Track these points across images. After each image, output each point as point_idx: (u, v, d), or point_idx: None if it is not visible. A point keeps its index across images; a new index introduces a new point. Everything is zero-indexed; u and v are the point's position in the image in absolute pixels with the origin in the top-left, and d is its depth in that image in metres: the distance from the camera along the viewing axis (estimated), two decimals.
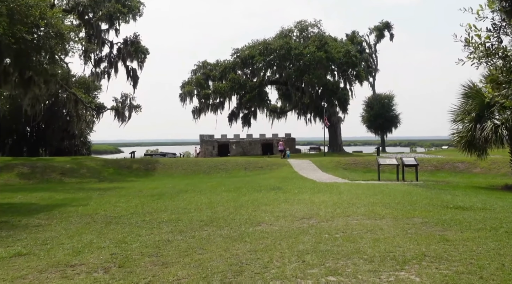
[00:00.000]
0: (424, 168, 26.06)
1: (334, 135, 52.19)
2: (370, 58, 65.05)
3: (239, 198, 11.97)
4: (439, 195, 12.31)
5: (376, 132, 63.97)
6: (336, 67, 50.62)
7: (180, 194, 13.97)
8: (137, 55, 36.89)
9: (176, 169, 31.06)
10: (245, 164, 30.87)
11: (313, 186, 15.22)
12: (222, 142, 57.96)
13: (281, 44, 48.28)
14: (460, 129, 16.44)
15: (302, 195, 12.41)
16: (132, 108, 43.14)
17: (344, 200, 11.11)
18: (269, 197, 12.10)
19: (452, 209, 9.23)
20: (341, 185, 15.53)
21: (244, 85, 50.16)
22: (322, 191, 13.44)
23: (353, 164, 29.25)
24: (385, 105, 61.85)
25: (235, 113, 53.37)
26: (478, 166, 25.70)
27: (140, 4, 37.07)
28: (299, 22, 52.83)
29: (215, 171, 29.83)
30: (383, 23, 63.96)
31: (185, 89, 53.47)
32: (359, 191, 13.40)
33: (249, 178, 23.60)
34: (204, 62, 55.96)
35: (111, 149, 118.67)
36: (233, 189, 14.90)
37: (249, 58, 50.16)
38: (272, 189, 14.48)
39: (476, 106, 15.54)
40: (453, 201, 10.69)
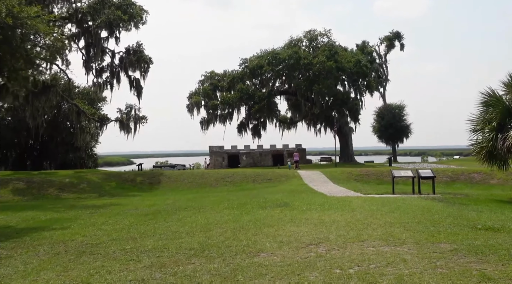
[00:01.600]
0: (439, 179, 24.74)
1: (345, 146, 50.93)
2: (380, 68, 63.84)
3: (240, 217, 10.87)
4: (462, 211, 11.10)
5: (387, 142, 62.62)
6: (347, 77, 49.57)
7: (178, 212, 12.90)
8: (139, 64, 36.08)
9: (182, 182, 30.06)
10: (254, 176, 29.78)
11: (323, 201, 14.07)
12: (232, 153, 57.01)
13: (290, 53, 47.44)
14: (480, 139, 15.24)
15: (311, 212, 11.27)
16: (138, 119, 42.31)
17: (357, 219, 9.96)
18: (274, 215, 10.98)
19: (482, 231, 8.04)
20: (353, 200, 14.36)
21: (252, 96, 49.26)
22: (333, 207, 12.29)
23: (366, 175, 28.02)
24: (396, 115, 60.57)
25: (244, 124, 52.44)
26: (495, 177, 24.36)
27: (143, 12, 36.35)
28: (308, 32, 51.97)
29: (222, 184, 28.78)
30: (393, 33, 62.89)
31: (192, 100, 52.68)
32: (374, 206, 12.23)
33: (257, 191, 22.49)
34: (212, 73, 55.21)
35: (124, 161, 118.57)
36: (236, 206, 13.80)
37: (258, 68, 49.35)
38: (278, 205, 13.36)
39: (497, 115, 14.37)
40: (480, 220, 9.49)
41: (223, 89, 52.64)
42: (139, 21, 35.81)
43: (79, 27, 34.37)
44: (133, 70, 37.08)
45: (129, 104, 41.70)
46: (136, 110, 41.70)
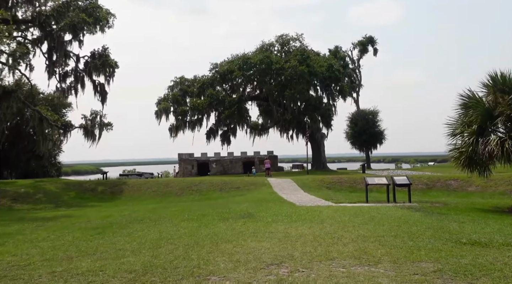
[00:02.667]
0: (415, 186, 23.96)
1: (317, 152, 50.17)
2: (353, 74, 63.65)
3: (197, 231, 9.63)
4: (442, 222, 10.14)
5: (360, 149, 62.19)
6: (319, 82, 48.91)
7: (131, 224, 11.56)
8: (104, 69, 34.48)
9: (145, 191, 28.54)
10: (221, 185, 28.48)
11: (291, 211, 12.95)
12: (201, 160, 55.48)
13: (261, 58, 46.46)
14: (459, 143, 14.42)
15: (276, 225, 10.11)
16: (103, 126, 40.58)
17: (327, 231, 8.86)
18: (235, 228, 9.77)
19: (468, 246, 7.03)
20: (324, 210, 13.29)
21: (222, 101, 48.09)
22: (301, 218, 11.17)
23: (338, 183, 27.09)
24: (369, 121, 60.24)
25: (214, 131, 51.14)
26: (473, 183, 23.75)
27: (110, 16, 34.85)
28: (280, 36, 51.17)
29: (188, 193, 27.39)
30: (366, 38, 62.73)
31: (160, 106, 51.13)
32: (346, 217, 11.17)
33: (223, 200, 21.24)
34: (182, 78, 53.82)
35: (93, 169, 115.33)
36: (196, 217, 12.54)
37: (228, 73, 48.21)
38: (242, 216, 12.16)
39: (477, 117, 13.56)
40: (463, 232, 8.52)
41: (193, 94, 51.31)
42: (105, 24, 34.30)
43: (42, 31, 32.62)
44: (98, 74, 35.45)
45: (94, 111, 39.98)
46: (101, 116, 40.06)
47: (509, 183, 22.45)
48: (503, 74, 13.55)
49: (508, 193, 21.62)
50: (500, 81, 13.57)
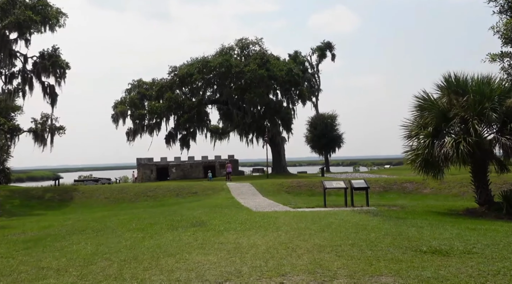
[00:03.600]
0: (372, 189, 23.91)
1: (277, 156, 49.89)
2: (312, 78, 64.01)
3: (140, 243, 8.80)
4: (400, 227, 9.76)
5: (320, 153, 62.55)
6: (279, 86, 48.70)
7: (69, 236, 10.55)
8: (54, 70, 32.78)
9: (97, 197, 27.19)
10: (178, 190, 27.51)
11: (246, 218, 12.28)
12: (161, 165, 54.08)
13: (220, 61, 45.78)
14: (415, 146, 14.22)
15: (228, 234, 9.42)
16: (54, 130, 38.64)
17: (281, 241, 8.25)
18: (182, 239, 9.01)
19: (429, 255, 6.58)
20: (280, 216, 12.70)
21: (182, 105, 47.06)
22: (255, 226, 10.52)
23: (297, 187, 26.73)
24: (328, 125, 60.72)
25: (173, 135, 49.93)
26: (427, 186, 23.93)
27: (61, 15, 33.27)
28: (240, 40, 50.62)
29: (142, 199, 26.28)
30: (324, 44, 63.29)
31: (117, 109, 49.54)
32: (302, 224, 10.61)
33: (178, 206, 20.33)
34: (140, 81, 52.42)
35: (50, 175, 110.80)
36: (144, 226, 11.65)
37: (188, 76, 47.23)
38: (193, 224, 11.39)
39: (432, 119, 13.39)
40: (422, 239, 8.12)
41: (151, 98, 49.99)
42: (55, 23, 32.69)
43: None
44: (47, 76, 33.68)
45: (45, 114, 38.07)
46: (52, 120, 38.16)
47: (461, 185, 22.73)
48: (457, 76, 13.48)
49: (461, 195, 21.88)
50: (454, 83, 13.48)
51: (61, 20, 33.37)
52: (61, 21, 33.39)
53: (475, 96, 12.60)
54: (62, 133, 39.21)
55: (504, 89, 12.85)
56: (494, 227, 9.80)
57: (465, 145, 12.12)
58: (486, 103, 12.31)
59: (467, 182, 21.98)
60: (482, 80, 13.01)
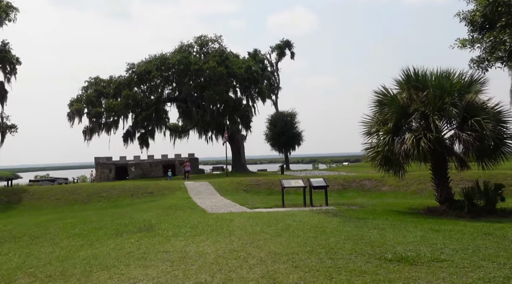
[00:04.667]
0: (331, 187, 23.50)
1: (237, 154, 49.16)
2: (272, 76, 63.53)
3: (75, 253, 7.81)
4: (361, 229, 9.19)
5: (280, 150, 62.28)
6: (238, 84, 47.96)
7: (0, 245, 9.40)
8: (4, 65, 30.65)
9: (48, 199, 25.55)
10: (134, 190, 26.21)
11: (199, 220, 11.43)
12: (120, 164, 52.34)
13: (179, 59, 44.56)
14: (375, 143, 13.78)
15: (176, 240, 8.56)
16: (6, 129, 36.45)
17: (233, 248, 7.48)
18: (124, 247, 8.08)
19: (395, 264, 5.97)
20: (236, 218, 11.93)
21: (140, 103, 45.50)
22: (207, 230, 9.70)
23: (256, 185, 26.04)
24: (288, 123, 60.52)
25: (131, 133, 48.20)
26: (386, 183, 23.80)
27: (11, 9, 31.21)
28: (199, 37, 49.52)
29: (96, 200, 24.85)
30: (283, 42, 62.88)
31: (73, 107, 47.34)
32: (258, 227, 9.88)
33: (130, 207, 19.19)
34: (96, 78, 50.28)
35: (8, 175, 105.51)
36: (87, 232, 10.61)
37: (146, 73, 45.77)
38: (140, 229, 10.44)
39: (392, 115, 12.96)
40: (386, 243, 7.55)
41: (109, 96, 48.08)
42: (4, 18, 30.57)
43: None
44: None
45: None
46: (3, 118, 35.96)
47: (420, 182, 22.73)
48: (416, 71, 13.12)
49: (419, 192, 21.86)
50: (413, 78, 13.11)
51: (12, 15, 31.34)
52: (12, 15, 31.36)
53: (435, 91, 12.25)
54: (14, 132, 37.12)
55: (464, 84, 12.58)
56: (458, 228, 9.40)
57: (426, 141, 11.73)
58: (446, 98, 11.97)
59: (425, 179, 22.01)
60: (442, 75, 12.70)
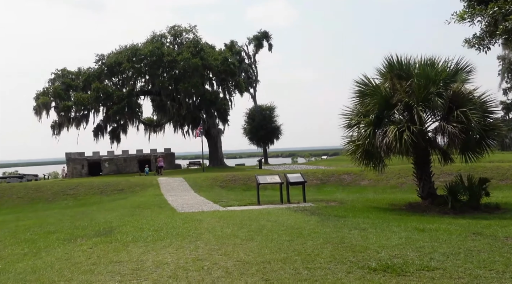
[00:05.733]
0: (310, 182, 22.79)
1: (214, 149, 48.05)
2: (250, 69, 62.39)
3: (12, 265, 6.76)
4: (341, 231, 8.36)
5: (258, 144, 61.34)
6: (214, 76, 46.75)
7: None
8: None
9: (9, 197, 24.14)
10: (103, 187, 24.99)
11: (165, 222, 10.45)
12: (93, 159, 50.56)
13: (151, 49, 43.02)
14: (355, 136, 13.00)
15: (134, 247, 7.57)
16: None
17: (197, 257, 6.54)
18: (73, 257, 7.06)
19: (380, 275, 5.13)
20: (206, 218, 10.99)
21: (111, 96, 43.81)
22: (172, 234, 8.73)
23: (232, 181, 25.15)
24: (267, 117, 59.54)
25: (102, 127, 46.56)
26: (365, 177, 23.19)
27: None
28: (172, 27, 47.94)
29: (61, 198, 23.56)
30: (261, 33, 61.64)
31: (39, 101, 45.29)
32: (229, 229, 8.97)
33: (96, 206, 18.05)
34: (64, 70, 48.18)
35: None
36: (37, 237, 9.53)
37: (116, 65, 44.06)
38: (98, 233, 9.40)
39: (374, 106, 12.17)
40: (368, 248, 6.73)
41: (78, 88, 46.25)
42: None
43: None
44: None
45: None
46: None
47: (399, 176, 22.18)
48: (400, 59, 12.35)
49: (399, 186, 21.30)
50: (396, 66, 12.35)
51: None
52: None
53: (419, 80, 11.50)
54: None
55: (449, 72, 11.85)
56: (444, 226, 8.67)
57: (409, 134, 10.98)
58: (431, 87, 11.23)
59: (405, 173, 21.47)
60: (426, 63, 11.94)
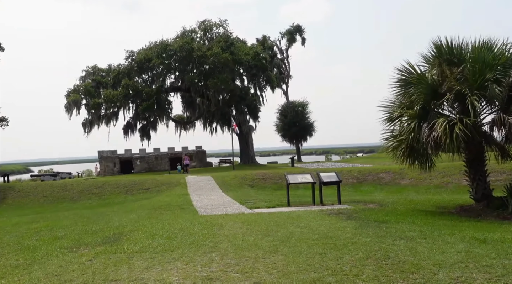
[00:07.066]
0: (345, 180, 21.32)
1: (245, 146, 47.04)
2: (282, 64, 61.02)
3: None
4: (384, 241, 7.00)
5: (290, 142, 59.89)
6: (245, 71, 45.69)
7: None
8: None
9: (35, 196, 23.76)
10: (128, 186, 24.30)
11: (181, 227, 9.35)
12: (124, 157, 50.60)
13: (181, 45, 42.36)
14: (397, 130, 11.52)
15: (139, 259, 6.47)
16: None
17: (207, 275, 5.37)
18: (65, 272, 6.02)
19: None
20: (228, 223, 9.81)
21: (140, 93, 43.44)
22: (186, 242, 7.60)
23: (262, 180, 23.96)
24: (299, 113, 57.94)
25: (131, 125, 46.36)
26: (405, 176, 21.49)
27: None
28: (202, 22, 47.23)
29: (86, 197, 22.99)
30: (294, 27, 60.20)
31: (69, 98, 45.49)
32: (252, 237, 7.77)
33: (118, 207, 17.24)
34: (95, 68, 48.34)
35: (20, 169, 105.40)
36: (41, 243, 8.62)
37: (146, 61, 43.67)
38: (106, 240, 8.39)
39: (420, 96, 10.67)
40: (420, 266, 5.37)
41: (108, 86, 46.20)
42: None
43: None
44: None
45: None
46: None
47: (444, 175, 20.37)
48: (450, 42, 10.77)
49: (444, 186, 19.50)
50: (446, 51, 10.79)
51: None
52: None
53: (473, 65, 9.95)
54: (5, 125, 35.54)
55: (509, 56, 10.19)
56: (510, 237, 7.17)
57: (462, 128, 9.46)
58: (487, 73, 9.66)
59: (450, 171, 19.71)
60: (482, 46, 10.33)
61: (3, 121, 35.23)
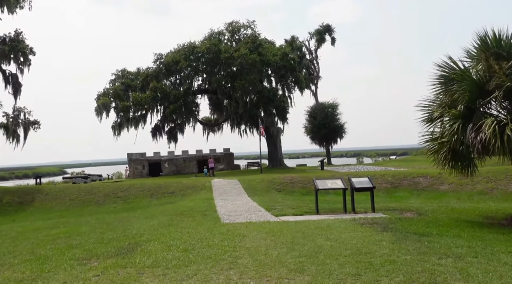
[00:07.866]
0: (378, 185, 20.20)
1: (273, 149, 46.12)
2: (311, 65, 59.94)
3: None
4: (428, 261, 6.07)
5: (320, 144, 58.62)
6: (273, 72, 44.82)
7: None
8: (16, 56, 29.07)
9: (62, 199, 23.63)
10: (153, 189, 23.88)
11: (201, 237, 8.64)
12: (153, 160, 50.70)
13: (208, 47, 41.93)
14: (438, 132, 10.48)
15: (149, 275, 5.78)
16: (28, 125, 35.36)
17: None
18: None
19: None
20: (251, 233, 9.03)
21: (167, 95, 43.25)
22: (203, 256, 6.87)
23: (290, 184, 23.10)
24: (329, 115, 56.57)
25: (159, 127, 46.22)
26: (445, 181, 20.19)
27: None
28: (230, 24, 46.66)
29: (111, 201, 22.70)
30: (323, 27, 58.99)
31: (99, 101, 45.76)
32: (275, 251, 6.97)
33: (140, 211, 16.73)
34: (124, 71, 48.51)
35: (56, 171, 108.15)
36: (53, 252, 8.10)
37: (174, 64, 43.47)
38: (119, 251, 7.76)
39: (463, 94, 9.61)
40: None
41: (136, 89, 46.28)
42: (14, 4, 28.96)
43: None
44: (8, 63, 29.99)
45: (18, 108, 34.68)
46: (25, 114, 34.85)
47: (488, 180, 18.95)
48: (497, 35, 9.69)
49: (488, 192, 18.11)
50: (493, 44, 9.71)
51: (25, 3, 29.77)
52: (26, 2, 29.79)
53: None
54: (37, 128, 36.07)
55: None
56: None
57: None
58: None
59: (495, 176, 18.35)
60: None
61: (35, 124, 35.73)
